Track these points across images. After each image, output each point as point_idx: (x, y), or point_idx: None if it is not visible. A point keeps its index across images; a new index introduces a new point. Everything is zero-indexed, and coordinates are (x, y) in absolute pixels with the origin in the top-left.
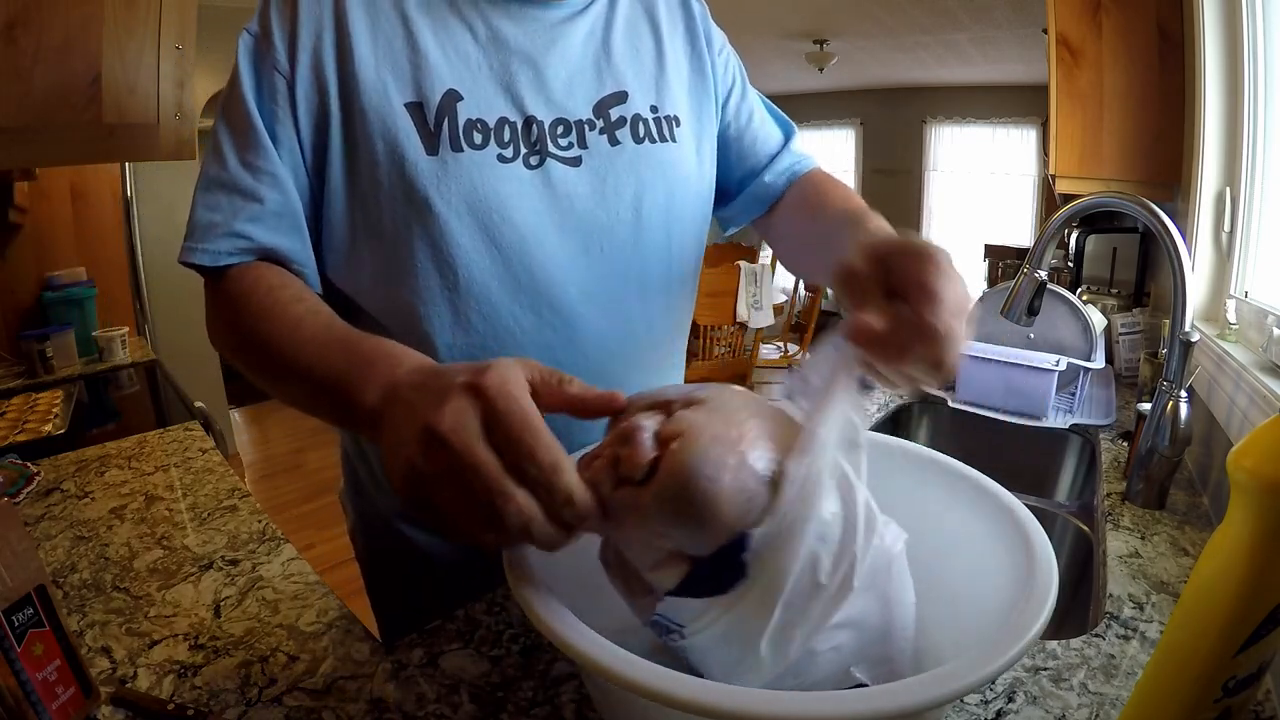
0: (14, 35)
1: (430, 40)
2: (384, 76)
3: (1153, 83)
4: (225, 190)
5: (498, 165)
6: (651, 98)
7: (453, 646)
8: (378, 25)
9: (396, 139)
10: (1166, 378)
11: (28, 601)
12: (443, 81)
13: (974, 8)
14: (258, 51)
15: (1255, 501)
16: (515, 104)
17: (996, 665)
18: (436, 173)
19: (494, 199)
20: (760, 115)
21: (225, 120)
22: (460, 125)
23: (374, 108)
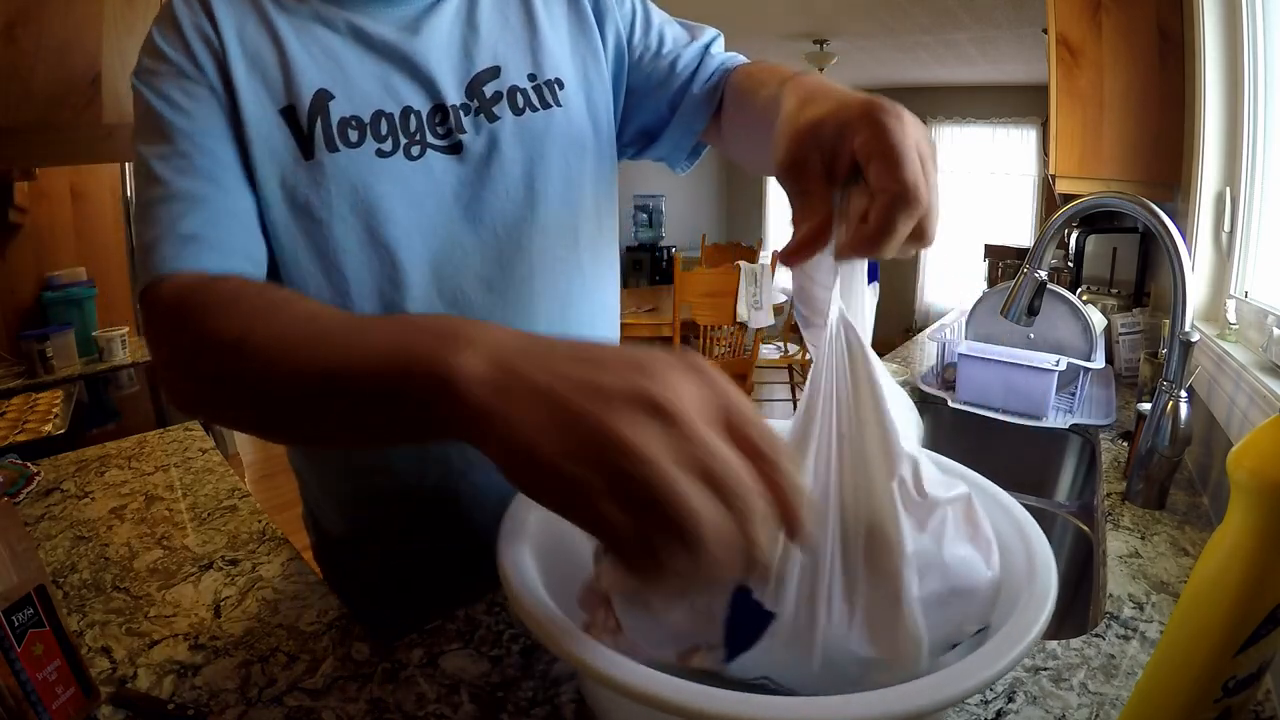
0: (14, 35)
1: (295, 43)
2: (257, 86)
3: (1153, 83)
4: (163, 203)
5: (376, 160)
6: (528, 66)
7: (453, 646)
8: (246, 36)
9: (275, 148)
10: (1166, 378)
11: (28, 601)
12: (312, 83)
13: (974, 8)
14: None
15: (1255, 501)
16: (390, 95)
17: (991, 672)
18: (314, 177)
19: (375, 197)
20: (673, 34)
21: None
22: (334, 124)
23: (254, 119)
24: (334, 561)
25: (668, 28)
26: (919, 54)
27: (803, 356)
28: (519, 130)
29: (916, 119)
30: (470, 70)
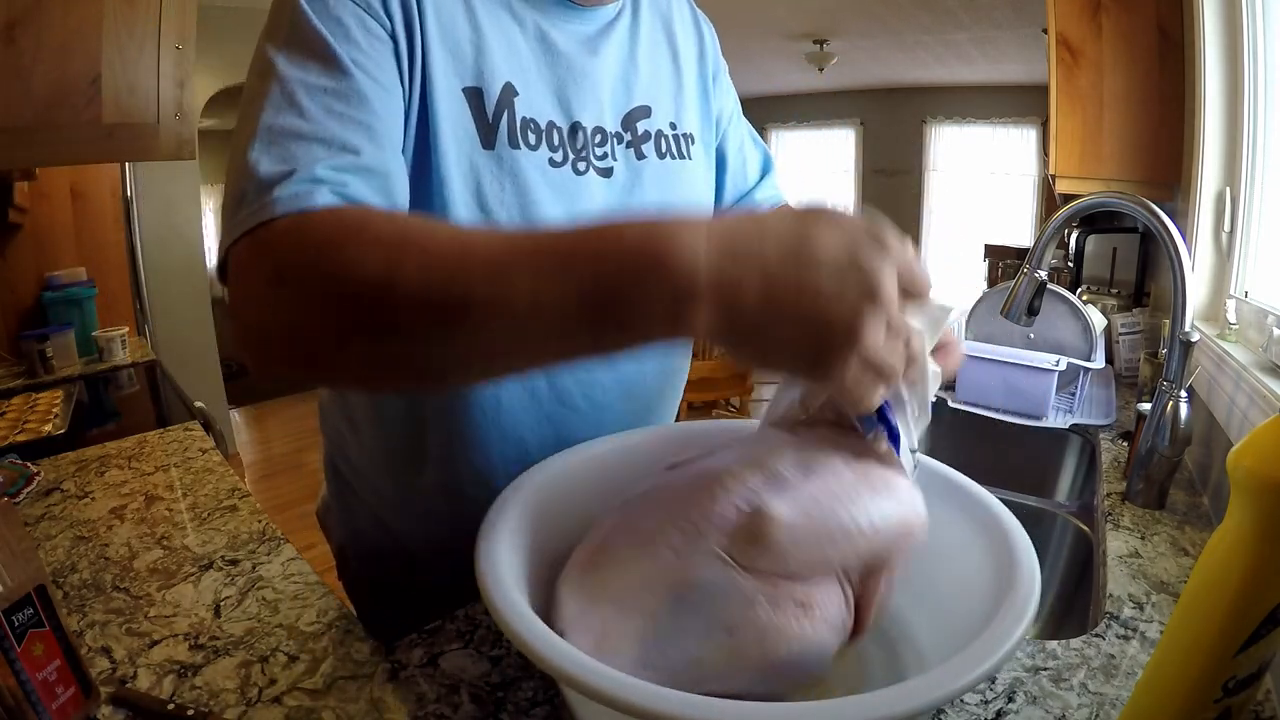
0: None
1: (489, 29)
2: (447, 57)
3: (1153, 83)
4: (301, 140)
5: (549, 169)
6: (671, 114)
7: (453, 646)
8: (442, 6)
9: (459, 124)
10: (1166, 378)
11: (28, 601)
12: (501, 73)
13: (974, 8)
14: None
15: (1255, 501)
16: (563, 108)
17: (965, 680)
18: (493, 168)
19: (544, 203)
20: (748, 143)
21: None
22: (518, 122)
23: (442, 90)
24: (362, 554)
25: (746, 132)
26: (919, 54)
27: None
28: (659, 172)
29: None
30: (628, 104)
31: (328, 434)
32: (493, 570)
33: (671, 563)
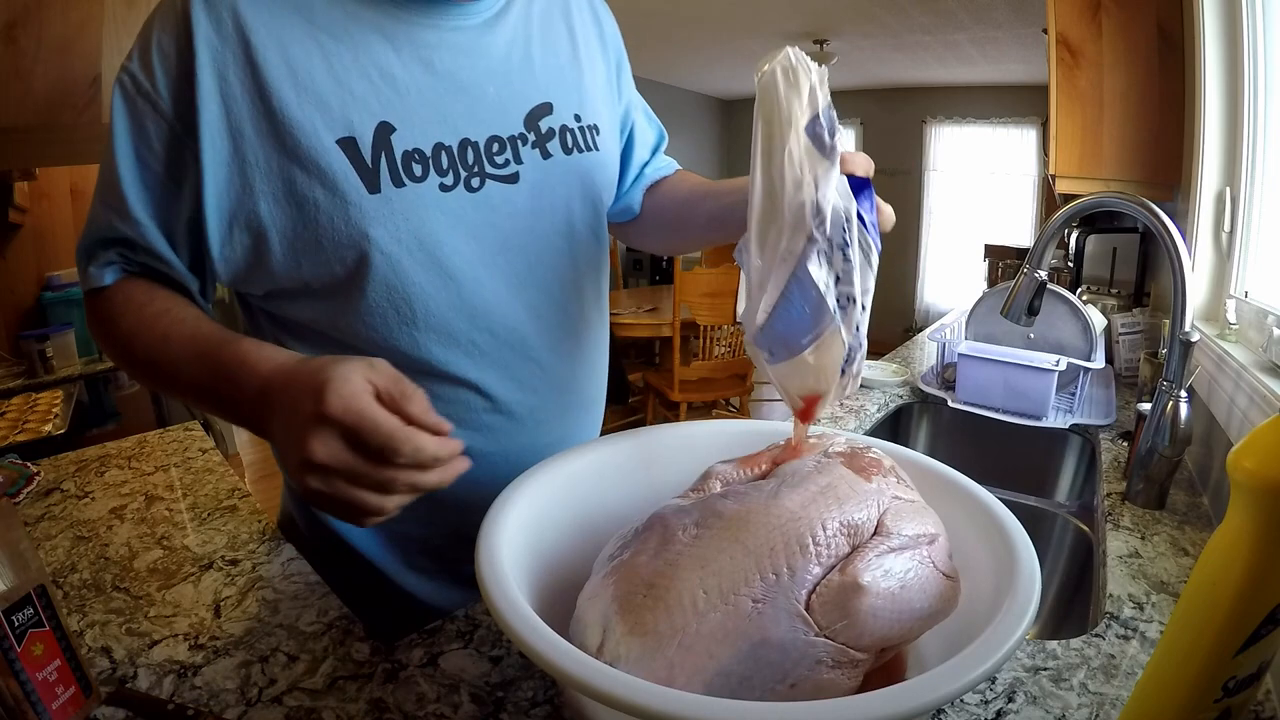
0: (14, 35)
1: (352, 68)
2: (310, 114)
3: (1153, 83)
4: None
5: (441, 195)
6: (574, 106)
7: (453, 646)
8: (292, 59)
9: (335, 180)
10: (1166, 378)
11: (28, 601)
12: (373, 114)
13: (974, 8)
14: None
15: (1255, 501)
16: (449, 127)
17: (965, 680)
18: (382, 211)
19: (442, 230)
20: (643, 121)
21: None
22: (398, 158)
23: (306, 149)
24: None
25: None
26: (919, 54)
27: None
28: (568, 168)
29: None
30: (528, 102)
31: None
32: (493, 570)
33: (751, 614)
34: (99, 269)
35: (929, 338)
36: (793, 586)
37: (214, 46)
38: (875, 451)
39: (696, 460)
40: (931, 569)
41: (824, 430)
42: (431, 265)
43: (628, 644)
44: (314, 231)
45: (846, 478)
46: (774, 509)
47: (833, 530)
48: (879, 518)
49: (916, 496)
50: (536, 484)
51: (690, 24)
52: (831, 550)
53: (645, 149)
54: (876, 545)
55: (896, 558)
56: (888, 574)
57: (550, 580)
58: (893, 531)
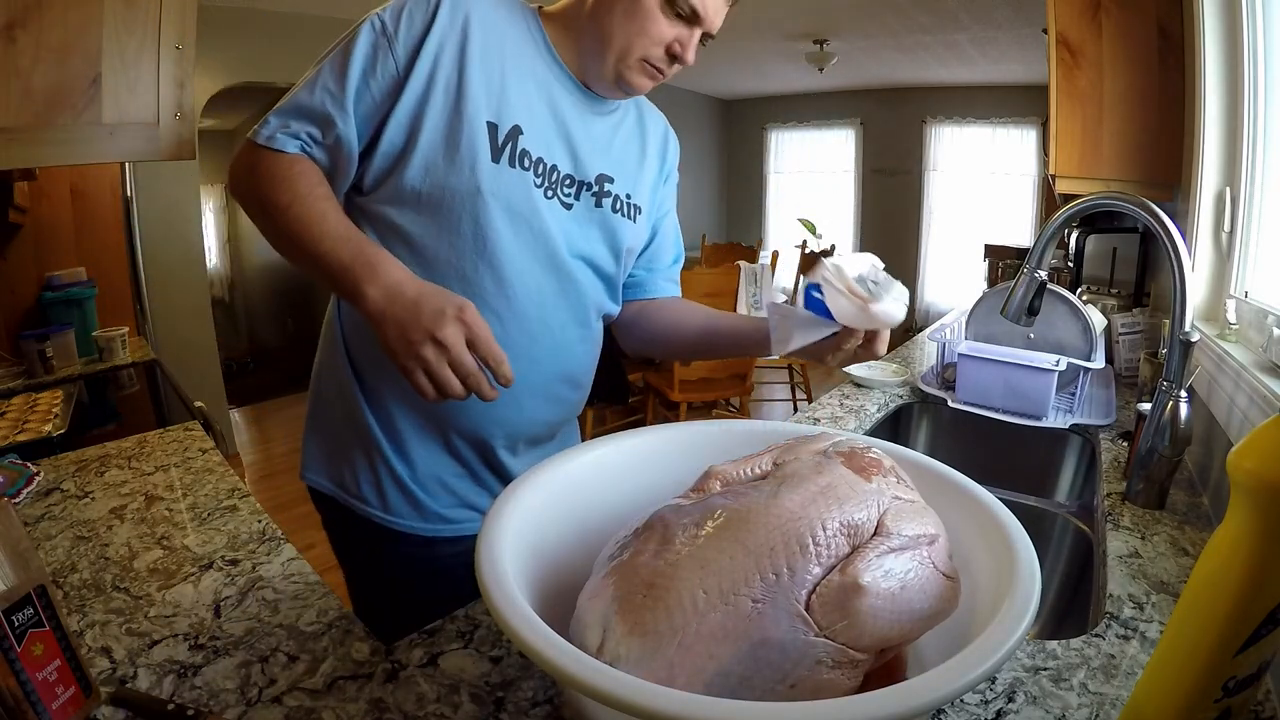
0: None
1: (517, 88)
2: (479, 97)
3: (1153, 83)
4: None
5: (528, 185)
6: (629, 185)
7: (453, 646)
8: (486, 62)
9: (475, 141)
10: (1166, 378)
11: (28, 601)
12: (515, 117)
13: (974, 8)
14: (379, 41)
15: (1255, 501)
16: (551, 153)
17: (965, 680)
18: (492, 172)
19: (524, 205)
20: (671, 235)
21: (331, 67)
22: (517, 150)
23: (468, 114)
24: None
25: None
26: (919, 54)
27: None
28: (606, 219)
29: None
30: (601, 169)
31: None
32: (493, 570)
33: (751, 614)
34: (287, 136)
35: (929, 338)
36: (793, 586)
37: (444, 31)
38: (875, 451)
39: (696, 460)
40: (931, 569)
41: (824, 430)
42: (509, 222)
43: (628, 644)
44: (447, 162)
45: (846, 478)
46: (774, 509)
47: (833, 530)
48: (879, 518)
49: (916, 497)
50: (536, 484)
51: None
52: (831, 550)
53: (663, 253)
54: (877, 545)
55: (897, 558)
56: (888, 574)
57: (550, 580)
58: (893, 532)
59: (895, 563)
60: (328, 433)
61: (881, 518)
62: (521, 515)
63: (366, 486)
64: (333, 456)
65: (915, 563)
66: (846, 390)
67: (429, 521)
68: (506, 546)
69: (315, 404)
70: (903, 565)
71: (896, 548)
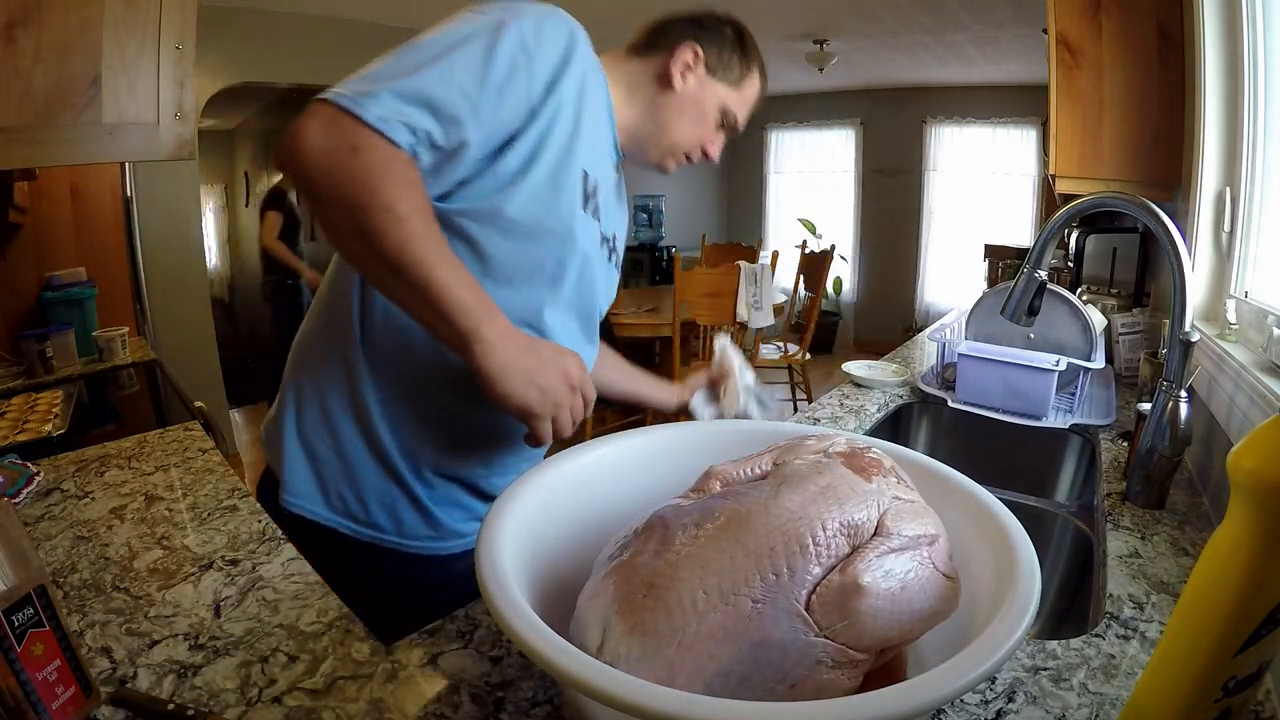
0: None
1: (598, 140)
2: (586, 141)
3: (1153, 83)
4: (431, 104)
5: (600, 239)
6: (620, 238)
7: (453, 646)
8: (594, 109)
9: (574, 186)
10: (1166, 378)
11: (28, 601)
12: (595, 170)
13: (974, 8)
14: (519, 57)
15: (1255, 501)
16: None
17: (965, 680)
18: (584, 222)
19: (595, 255)
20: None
21: (467, 63)
22: (596, 204)
23: (575, 158)
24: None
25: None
26: (919, 54)
27: (802, 356)
28: (612, 275)
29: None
30: (614, 228)
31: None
32: (493, 570)
33: (751, 614)
34: (403, 126)
35: (929, 338)
36: (793, 587)
37: (577, 73)
38: (875, 451)
39: (696, 460)
40: (932, 569)
41: (824, 430)
42: (580, 266)
43: (628, 644)
44: (551, 199)
45: (846, 478)
46: (774, 509)
47: (833, 530)
48: (879, 518)
49: (917, 497)
50: (536, 484)
51: None
52: (831, 550)
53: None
54: (877, 545)
55: (897, 558)
56: (888, 574)
57: (550, 580)
58: (893, 532)
59: (895, 563)
60: (321, 455)
61: (881, 518)
62: (521, 515)
63: (378, 510)
64: (332, 481)
65: (915, 563)
66: (846, 390)
67: (445, 540)
68: (506, 546)
69: (303, 423)
70: (903, 565)
71: (897, 548)
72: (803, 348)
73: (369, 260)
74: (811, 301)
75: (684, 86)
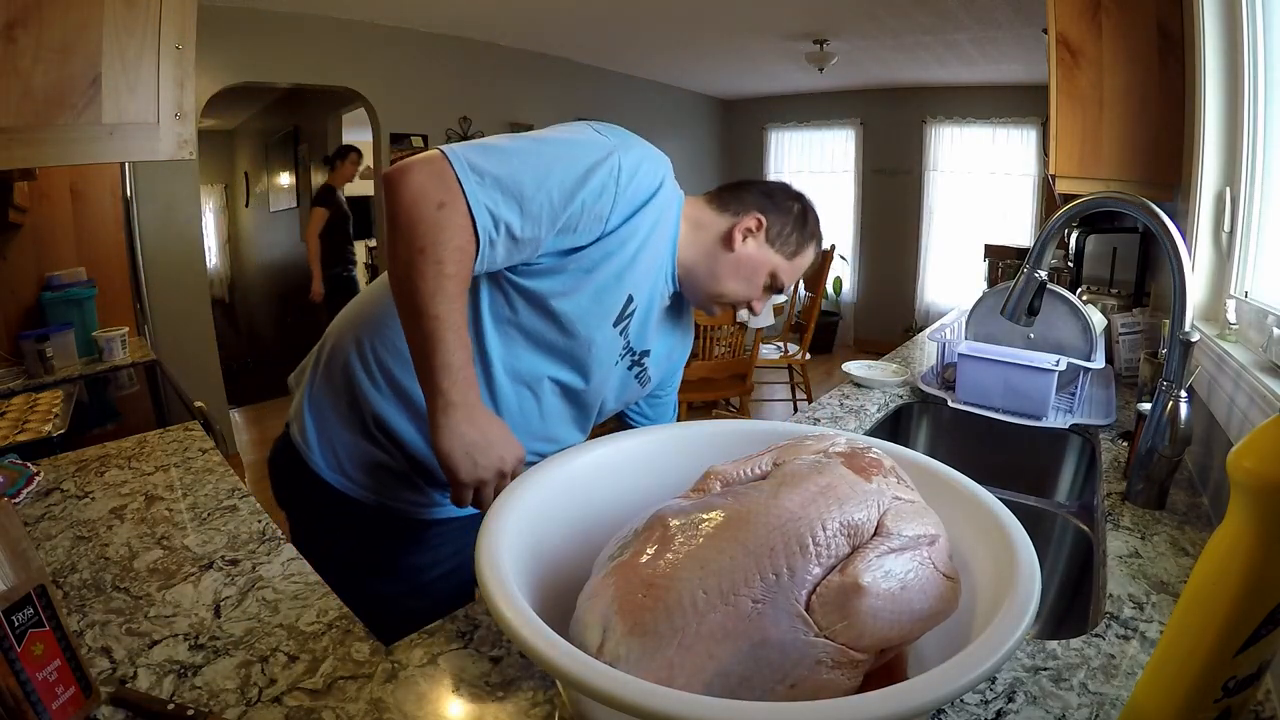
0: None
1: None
2: (640, 273)
3: (1153, 83)
4: (520, 202)
5: (620, 350)
6: (657, 362)
7: (453, 646)
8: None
9: (615, 306)
10: (1166, 378)
11: (28, 601)
12: (639, 294)
13: (974, 8)
14: (608, 186)
15: (1255, 501)
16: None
17: (965, 680)
18: (611, 335)
19: (608, 361)
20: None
21: (562, 177)
22: (631, 322)
23: (624, 284)
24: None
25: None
26: (919, 54)
27: (802, 356)
28: (628, 380)
29: None
30: (648, 345)
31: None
32: (493, 570)
33: (751, 614)
34: (487, 213)
35: (929, 338)
36: (793, 587)
37: (656, 210)
38: (875, 451)
39: (696, 460)
40: (932, 570)
41: (824, 430)
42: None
43: (628, 644)
44: (591, 309)
45: (846, 478)
46: (774, 509)
47: (833, 530)
48: (879, 518)
49: (917, 497)
50: (536, 484)
51: (690, 24)
52: (831, 550)
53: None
54: (877, 546)
55: (897, 558)
56: (888, 575)
57: (550, 580)
58: (893, 532)
59: (895, 563)
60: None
61: (881, 518)
62: (521, 515)
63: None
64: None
65: (915, 563)
66: (846, 390)
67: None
68: (506, 546)
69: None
70: (903, 566)
71: (897, 548)
72: (803, 348)
73: (403, 287)
74: (811, 301)
75: (742, 248)
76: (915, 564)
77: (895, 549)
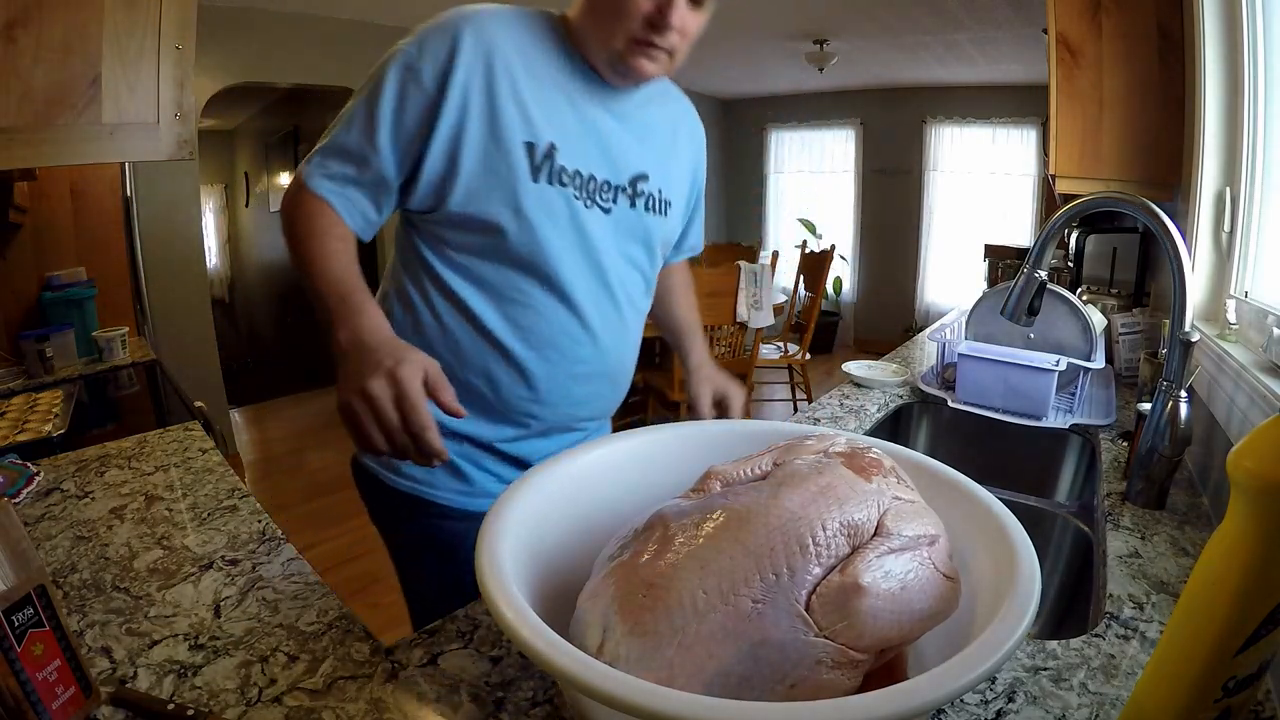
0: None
1: (547, 106)
2: (514, 121)
3: (1153, 83)
4: (341, 152)
5: (568, 198)
6: (661, 181)
7: (453, 646)
8: (517, 84)
9: (514, 164)
10: (1166, 378)
11: (28, 601)
12: (549, 135)
13: (974, 8)
14: (406, 77)
15: (1255, 501)
16: (587, 163)
17: (965, 680)
18: (537, 194)
19: (566, 220)
20: (696, 224)
21: (363, 106)
22: (556, 168)
23: (505, 140)
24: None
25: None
26: (919, 54)
27: (802, 356)
28: (641, 219)
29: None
30: (636, 169)
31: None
32: (493, 570)
33: (751, 614)
34: (324, 177)
35: (929, 338)
36: (793, 587)
37: (470, 61)
38: (875, 451)
39: (696, 460)
40: (932, 570)
41: (824, 430)
42: (552, 236)
43: (628, 644)
44: (489, 188)
45: (846, 478)
46: (774, 509)
47: (833, 530)
48: (879, 518)
49: (917, 497)
50: (536, 484)
51: None
52: (831, 551)
53: (683, 240)
54: (877, 546)
55: (897, 558)
56: (888, 575)
57: (550, 580)
58: (893, 532)
59: (895, 563)
60: None
61: (882, 518)
62: (521, 515)
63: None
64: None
65: (915, 563)
66: (846, 390)
67: (476, 497)
68: (506, 546)
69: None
70: (903, 566)
71: (897, 548)
72: (803, 348)
73: (304, 283)
74: (811, 301)
75: None
76: (915, 564)
77: (895, 549)
